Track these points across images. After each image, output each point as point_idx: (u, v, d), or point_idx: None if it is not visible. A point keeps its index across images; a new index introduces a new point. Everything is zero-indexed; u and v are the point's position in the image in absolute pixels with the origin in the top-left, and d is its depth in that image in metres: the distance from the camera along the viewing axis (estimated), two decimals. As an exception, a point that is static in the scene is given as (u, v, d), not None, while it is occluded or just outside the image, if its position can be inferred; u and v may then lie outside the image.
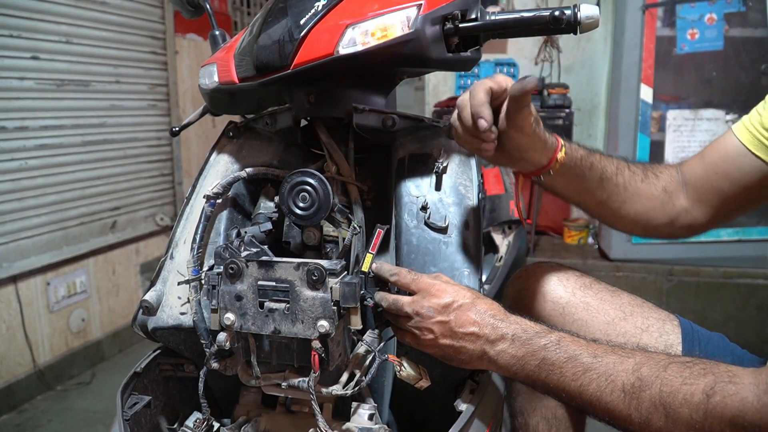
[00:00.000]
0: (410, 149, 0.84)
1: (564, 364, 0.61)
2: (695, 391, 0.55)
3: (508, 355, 0.64)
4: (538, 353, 0.63)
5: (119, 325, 2.52)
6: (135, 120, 2.57)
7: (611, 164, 0.82)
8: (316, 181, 0.73)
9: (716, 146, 0.83)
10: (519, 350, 0.64)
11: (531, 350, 0.63)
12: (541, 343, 0.63)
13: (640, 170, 0.85)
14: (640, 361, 0.59)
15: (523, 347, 0.63)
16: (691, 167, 0.86)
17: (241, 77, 0.78)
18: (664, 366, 0.58)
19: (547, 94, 3.10)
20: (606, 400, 0.59)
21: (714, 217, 0.85)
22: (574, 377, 0.60)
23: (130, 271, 2.60)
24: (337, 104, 0.77)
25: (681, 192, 0.86)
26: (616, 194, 0.83)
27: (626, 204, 0.84)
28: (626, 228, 0.88)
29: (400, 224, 0.80)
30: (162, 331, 0.79)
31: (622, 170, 0.83)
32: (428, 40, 0.69)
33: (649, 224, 0.86)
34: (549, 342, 0.63)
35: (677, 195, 0.86)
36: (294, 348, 0.69)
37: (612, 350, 0.61)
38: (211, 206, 0.81)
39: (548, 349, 0.62)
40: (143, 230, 2.66)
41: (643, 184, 0.84)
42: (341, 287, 0.66)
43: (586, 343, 0.63)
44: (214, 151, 0.89)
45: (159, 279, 0.82)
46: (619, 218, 0.85)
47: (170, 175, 2.82)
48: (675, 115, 2.67)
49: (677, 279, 2.60)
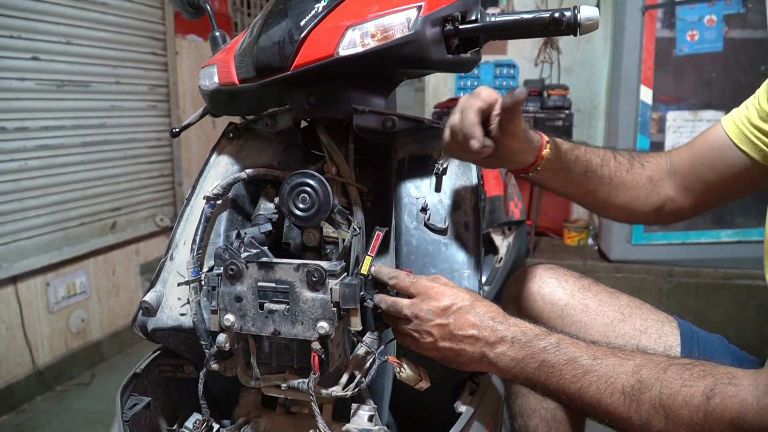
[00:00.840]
0: (410, 150, 0.84)
1: (564, 366, 0.61)
2: (695, 393, 0.55)
3: (507, 358, 0.64)
4: (538, 355, 0.63)
5: (119, 326, 2.52)
6: (135, 121, 2.57)
7: (596, 156, 0.82)
8: (316, 183, 0.73)
9: (705, 137, 0.85)
10: (518, 352, 0.64)
11: (530, 352, 0.63)
12: (541, 345, 0.63)
13: (626, 160, 0.85)
14: (640, 363, 0.59)
15: (522, 349, 0.64)
16: (679, 155, 0.87)
17: (241, 78, 0.78)
18: (664, 368, 0.58)
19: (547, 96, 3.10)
20: (606, 402, 0.59)
21: (698, 204, 0.86)
22: (573, 379, 0.60)
23: (129, 271, 2.61)
24: (337, 105, 0.77)
25: (667, 180, 0.87)
26: (601, 185, 0.84)
27: (611, 195, 0.85)
28: (612, 216, 0.90)
29: (400, 225, 0.80)
30: (162, 332, 0.79)
31: (607, 161, 0.83)
32: (428, 42, 0.69)
33: (634, 212, 0.87)
34: (548, 344, 0.63)
35: (663, 183, 0.87)
36: (294, 349, 0.69)
37: (612, 352, 0.61)
38: (211, 207, 0.81)
39: (548, 351, 0.62)
40: (143, 231, 2.66)
41: (628, 174, 0.85)
42: (341, 288, 0.66)
43: (586, 345, 0.63)
44: (214, 152, 0.89)
45: (159, 280, 0.82)
46: (605, 207, 0.87)
47: (170, 176, 2.82)
48: (675, 116, 2.68)
49: (677, 280, 2.60)
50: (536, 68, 3.32)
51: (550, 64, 3.30)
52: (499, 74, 3.32)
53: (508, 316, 0.67)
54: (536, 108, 3.11)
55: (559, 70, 3.29)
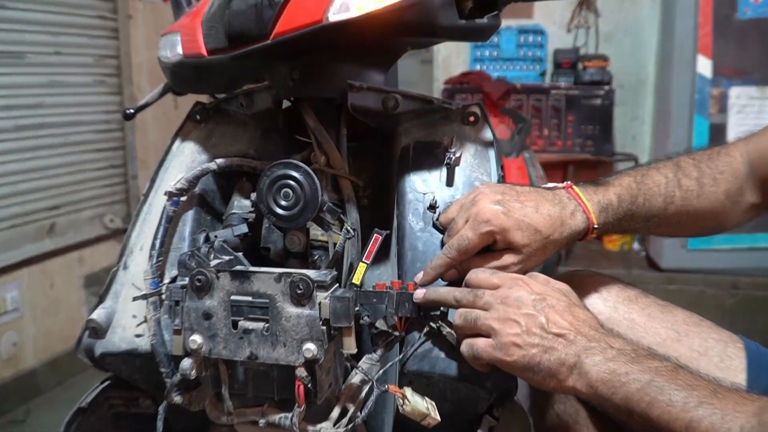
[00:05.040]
0: (416, 136, 0.84)
1: (675, 392, 0.62)
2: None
3: (606, 369, 0.64)
4: (645, 375, 0.63)
5: (58, 351, 2.53)
6: (79, 99, 2.58)
7: (657, 196, 0.84)
8: (301, 175, 0.74)
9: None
10: (622, 366, 0.64)
11: (638, 368, 0.64)
12: (653, 365, 0.64)
13: (693, 182, 0.86)
14: (764, 406, 0.60)
15: (627, 364, 0.64)
16: (758, 148, 0.87)
17: (210, 49, 0.79)
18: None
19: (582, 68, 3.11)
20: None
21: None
22: (684, 409, 0.61)
23: (71, 284, 2.61)
24: (327, 81, 0.78)
25: (748, 186, 0.87)
26: (668, 227, 0.87)
27: (683, 229, 0.88)
28: (686, 236, 0.94)
29: (403, 226, 0.81)
30: (113, 358, 0.80)
31: (671, 196, 0.84)
32: (437, 4, 0.70)
33: (713, 232, 0.91)
34: (662, 366, 0.64)
35: (743, 194, 0.87)
36: (274, 377, 0.70)
37: (734, 390, 0.63)
38: (173, 205, 0.81)
39: (660, 373, 0.64)
40: (88, 234, 2.66)
41: (699, 201, 0.86)
42: (332, 303, 0.67)
43: (707, 382, 0.64)
44: (177, 138, 0.90)
45: (109, 294, 0.82)
46: (676, 235, 0.92)
47: (122, 167, 2.83)
48: (739, 92, 2.68)
49: (743, 293, 2.60)
50: (569, 35, 3.33)
51: (586, 30, 3.31)
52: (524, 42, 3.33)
53: (610, 328, 0.69)
54: (569, 84, 3.12)
55: (597, 37, 3.30)
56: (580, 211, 0.77)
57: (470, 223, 0.73)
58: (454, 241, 0.74)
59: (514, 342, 0.67)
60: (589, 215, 0.78)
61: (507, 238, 0.73)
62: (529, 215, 0.74)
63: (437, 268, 0.75)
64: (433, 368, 0.74)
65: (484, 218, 0.72)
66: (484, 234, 0.73)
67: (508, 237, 0.73)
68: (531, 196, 0.77)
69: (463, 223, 0.75)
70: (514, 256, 0.75)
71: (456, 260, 0.75)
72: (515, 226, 0.73)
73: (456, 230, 0.75)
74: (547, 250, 0.76)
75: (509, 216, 0.73)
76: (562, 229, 0.76)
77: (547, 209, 0.75)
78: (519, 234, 0.73)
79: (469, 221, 0.74)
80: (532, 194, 0.77)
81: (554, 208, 0.76)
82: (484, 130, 0.84)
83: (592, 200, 0.78)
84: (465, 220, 0.74)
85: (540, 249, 0.75)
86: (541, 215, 0.74)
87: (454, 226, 0.76)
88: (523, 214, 0.74)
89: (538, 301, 0.68)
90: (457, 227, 0.75)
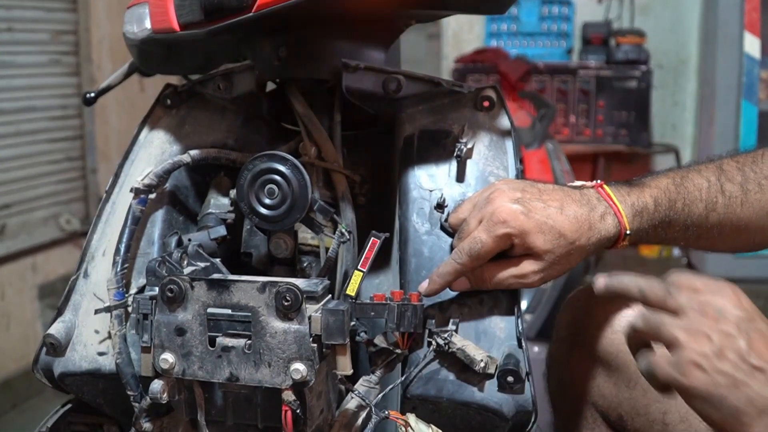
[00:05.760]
0: (422, 124, 0.85)
1: None
2: None
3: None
4: None
5: (11, 372, 2.53)
6: (31, 82, 2.58)
7: (698, 201, 0.83)
8: (288, 169, 0.74)
9: None
10: None
11: None
12: None
13: (737, 187, 0.85)
14: None
15: None
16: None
17: (183, 23, 0.78)
18: None
19: (615, 45, 3.11)
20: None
21: None
22: None
23: (24, 295, 2.61)
24: (318, 60, 0.78)
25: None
26: (708, 237, 0.86)
27: (726, 240, 0.87)
28: (727, 251, 0.93)
29: (406, 228, 0.81)
30: (73, 378, 0.80)
31: (712, 203, 0.84)
32: (445, -28, 0.70)
33: (757, 247, 0.89)
34: None
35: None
36: (257, 402, 0.70)
37: None
38: (140, 203, 0.81)
39: None
40: (42, 238, 2.66)
41: (743, 209, 0.85)
42: (324, 317, 0.67)
43: None
44: (144, 126, 0.90)
45: (68, 306, 0.82)
46: (717, 249, 0.91)
47: (80, 160, 2.83)
48: (793, 75, 2.68)
49: (798, 306, 2.60)
50: (600, 6, 3.33)
51: (620, 1, 3.31)
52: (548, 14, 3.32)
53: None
54: (600, 62, 3.12)
55: (633, 9, 3.30)
56: (611, 214, 0.77)
57: (484, 225, 0.73)
58: (465, 245, 0.74)
59: (697, 362, 0.62)
60: (621, 219, 0.77)
61: (526, 242, 0.73)
62: (553, 216, 0.73)
63: (445, 275, 0.75)
64: (440, 392, 0.74)
65: (501, 219, 0.72)
66: (500, 237, 0.72)
67: (527, 241, 0.73)
68: (555, 194, 0.76)
69: (475, 224, 0.74)
70: (534, 264, 0.75)
71: (467, 267, 0.74)
72: (536, 229, 0.73)
73: (467, 232, 0.75)
74: (573, 257, 0.76)
75: (529, 217, 0.72)
76: (590, 234, 0.75)
77: (573, 210, 0.75)
78: (541, 238, 0.73)
79: (483, 222, 0.73)
80: (556, 193, 0.77)
81: (582, 209, 0.75)
82: (500, 117, 0.84)
83: (625, 202, 0.78)
84: (478, 221, 0.74)
85: (564, 256, 0.74)
86: (567, 217, 0.74)
87: (466, 227, 0.76)
88: (545, 215, 0.73)
89: (743, 321, 0.63)
90: (468, 229, 0.75)
